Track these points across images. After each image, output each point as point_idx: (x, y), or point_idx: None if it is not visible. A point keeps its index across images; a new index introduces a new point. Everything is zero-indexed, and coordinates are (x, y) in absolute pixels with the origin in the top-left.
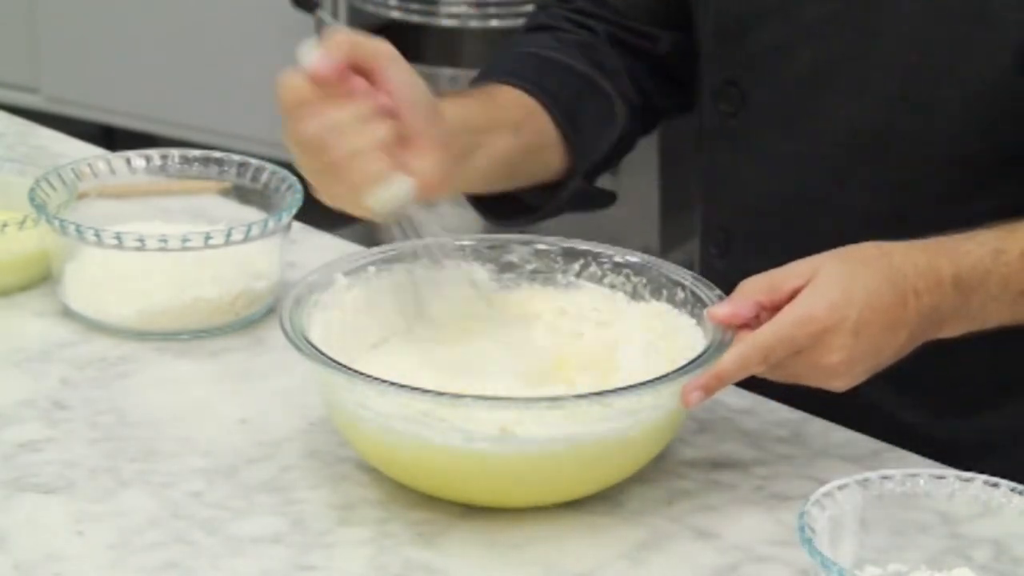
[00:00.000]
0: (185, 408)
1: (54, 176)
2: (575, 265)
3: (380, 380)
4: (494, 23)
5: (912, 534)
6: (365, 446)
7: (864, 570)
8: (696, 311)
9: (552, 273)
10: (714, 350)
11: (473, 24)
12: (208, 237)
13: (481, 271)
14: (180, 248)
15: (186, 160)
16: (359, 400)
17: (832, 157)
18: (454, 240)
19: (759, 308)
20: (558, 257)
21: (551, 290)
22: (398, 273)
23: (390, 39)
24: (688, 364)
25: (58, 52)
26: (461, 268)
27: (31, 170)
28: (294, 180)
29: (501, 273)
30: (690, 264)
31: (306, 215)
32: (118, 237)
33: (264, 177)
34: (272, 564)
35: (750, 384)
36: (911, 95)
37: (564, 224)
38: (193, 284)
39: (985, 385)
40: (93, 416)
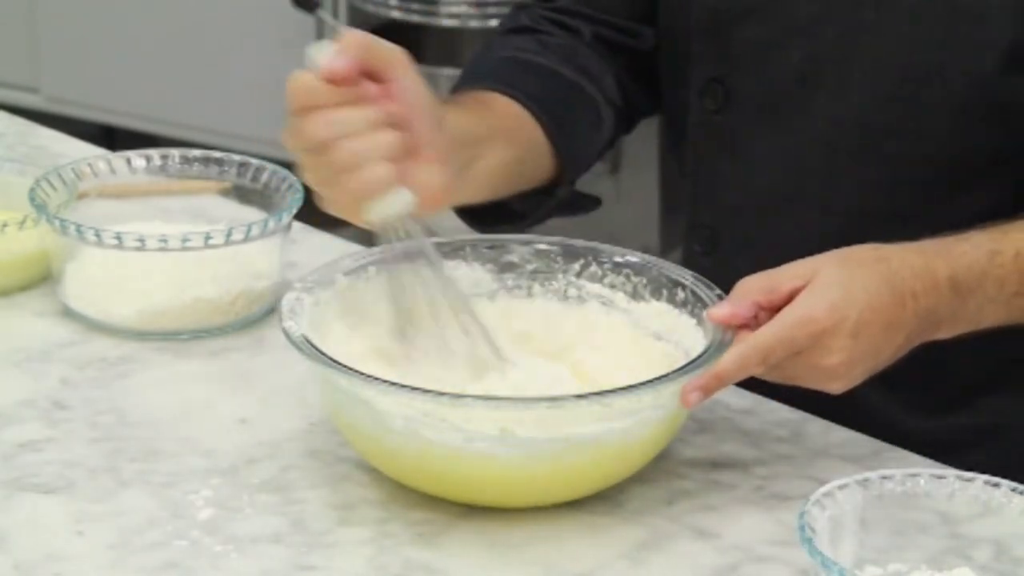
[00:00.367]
0: (185, 408)
1: (54, 176)
2: (575, 265)
3: (380, 380)
4: (494, 23)
5: (912, 534)
6: (365, 446)
7: (864, 570)
8: (696, 311)
9: (552, 273)
10: (714, 350)
11: (473, 24)
12: (208, 237)
13: (481, 271)
14: (180, 248)
15: (186, 160)
16: (359, 400)
17: (818, 155)
18: (448, 241)
19: (757, 308)
20: (558, 257)
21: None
22: (398, 273)
23: (390, 39)
24: (688, 364)
25: (58, 52)
26: (460, 269)
27: (31, 170)
28: (294, 180)
29: (501, 273)
30: None
31: (306, 215)
32: (118, 237)
33: (264, 177)
34: (272, 564)
35: (750, 384)
36: (898, 93)
37: (564, 224)
38: (193, 284)
39: (963, 382)
40: (93, 416)
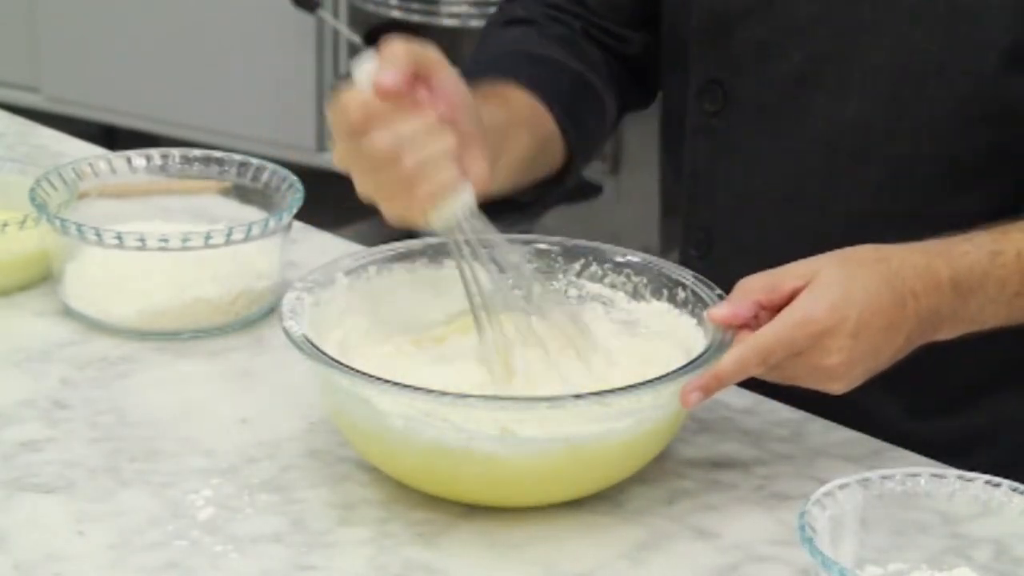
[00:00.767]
0: (185, 408)
1: (55, 175)
2: (576, 265)
3: (380, 380)
4: None
5: (912, 534)
6: (365, 446)
7: (865, 570)
8: (697, 311)
9: (552, 273)
10: (714, 350)
11: (473, 24)
12: (208, 237)
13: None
14: (181, 248)
15: (187, 160)
16: (359, 400)
17: (816, 157)
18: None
19: (758, 308)
20: (559, 257)
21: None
22: (399, 273)
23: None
24: (688, 364)
25: (58, 52)
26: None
27: (32, 170)
28: (294, 180)
29: (502, 273)
30: None
31: (306, 215)
32: (119, 237)
33: (265, 177)
34: (272, 564)
35: (751, 384)
36: (897, 95)
37: (564, 224)
38: (193, 284)
39: (963, 384)
40: (93, 416)
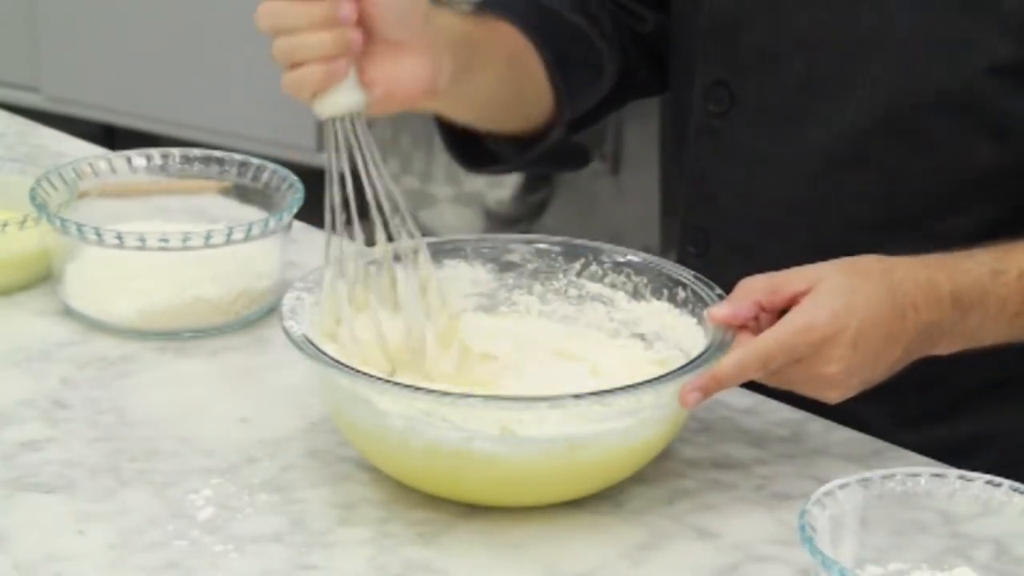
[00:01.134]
0: (186, 408)
1: (55, 175)
2: (576, 264)
3: (380, 380)
4: None
5: (913, 533)
6: (365, 446)
7: (865, 569)
8: (697, 310)
9: (553, 272)
10: (714, 350)
11: None
12: (209, 236)
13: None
14: (181, 247)
15: (187, 159)
16: (359, 399)
17: (815, 164)
18: (448, 240)
19: (758, 309)
20: (559, 256)
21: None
22: (398, 272)
23: None
24: (688, 364)
25: (58, 52)
26: (461, 268)
27: (32, 169)
28: (295, 180)
29: (502, 272)
30: None
31: (306, 215)
32: (119, 236)
33: (265, 176)
34: (272, 564)
35: (751, 384)
36: (897, 106)
37: (564, 224)
38: (193, 284)
39: (956, 394)
40: (94, 416)
